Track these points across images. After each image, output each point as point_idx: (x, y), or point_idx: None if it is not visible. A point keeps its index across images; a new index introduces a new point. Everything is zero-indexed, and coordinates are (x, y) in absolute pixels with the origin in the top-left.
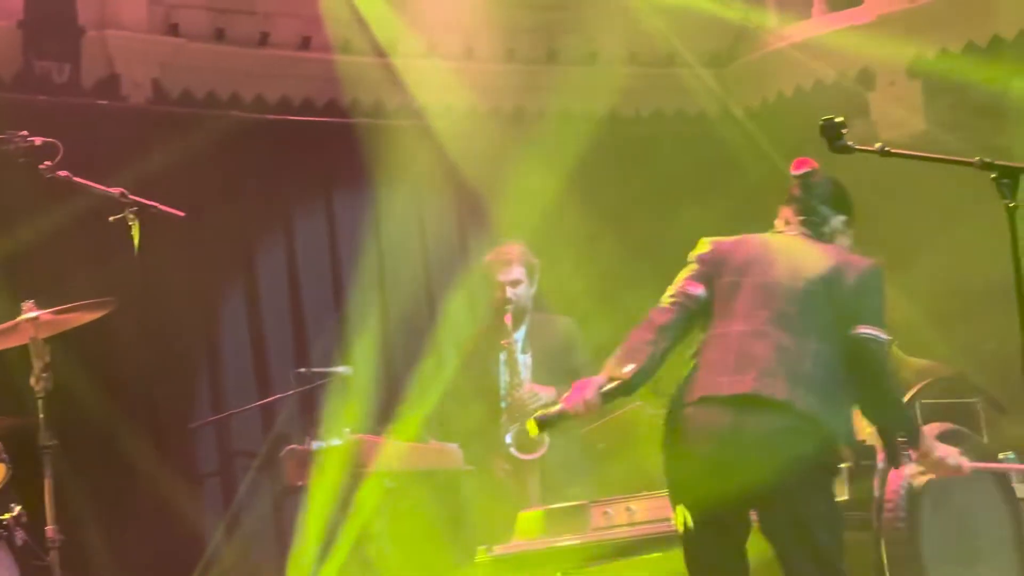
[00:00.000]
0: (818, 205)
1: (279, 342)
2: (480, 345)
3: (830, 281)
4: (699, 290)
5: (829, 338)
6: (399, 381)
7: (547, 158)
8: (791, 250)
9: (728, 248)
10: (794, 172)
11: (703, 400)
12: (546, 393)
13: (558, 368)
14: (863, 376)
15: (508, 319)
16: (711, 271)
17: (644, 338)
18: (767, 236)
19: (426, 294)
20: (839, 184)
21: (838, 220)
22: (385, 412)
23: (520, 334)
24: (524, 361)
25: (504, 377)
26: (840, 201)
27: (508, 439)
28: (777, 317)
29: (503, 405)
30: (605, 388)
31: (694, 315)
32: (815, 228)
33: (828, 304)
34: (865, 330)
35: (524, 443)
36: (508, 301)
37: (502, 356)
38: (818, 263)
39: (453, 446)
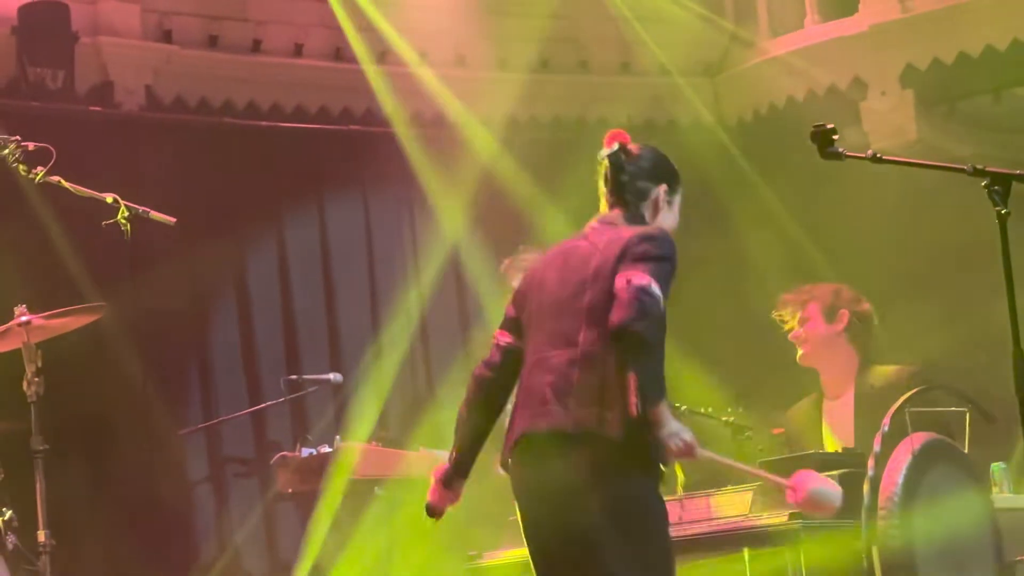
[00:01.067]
0: (632, 182)
1: (270, 349)
2: None
3: (597, 265)
4: (507, 339)
5: (598, 327)
6: (390, 389)
7: (538, 166)
8: (570, 252)
9: (529, 274)
10: (601, 152)
11: (511, 456)
12: None
13: None
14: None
15: None
16: (518, 311)
17: (461, 415)
18: (557, 245)
19: (417, 301)
20: (656, 152)
21: (658, 191)
22: (376, 419)
23: None
24: None
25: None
26: (658, 170)
27: None
28: (551, 337)
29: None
30: (448, 478)
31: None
32: (631, 209)
33: (603, 293)
34: (625, 278)
35: None
36: None
37: None
38: (595, 255)
39: (444, 453)
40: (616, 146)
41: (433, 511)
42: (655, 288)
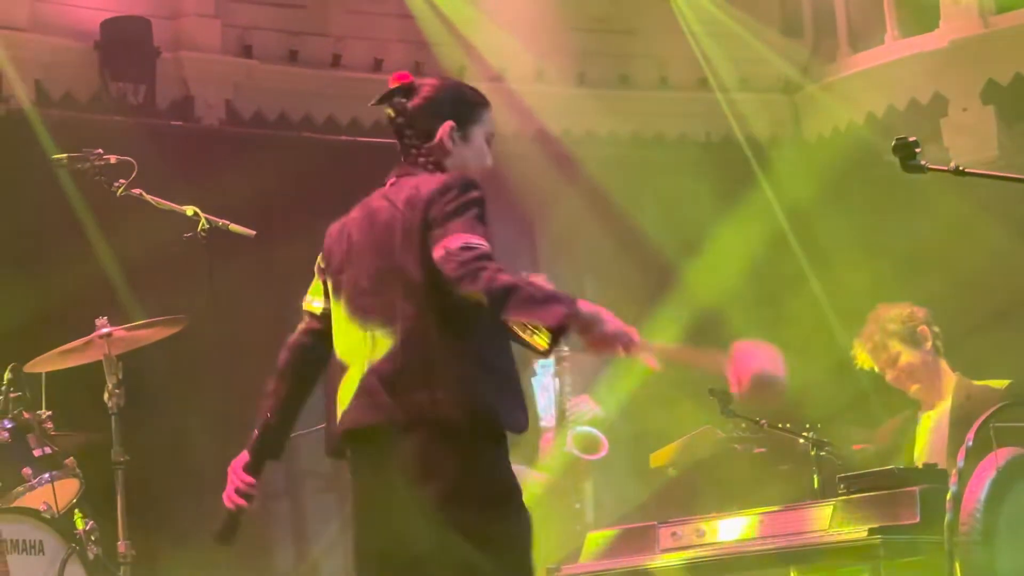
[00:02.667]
0: (414, 124)
1: None
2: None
3: (415, 231)
4: (323, 305)
5: (415, 297)
6: None
7: (616, 182)
8: (375, 215)
9: (335, 235)
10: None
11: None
12: (596, 408)
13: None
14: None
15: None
16: (325, 275)
17: (271, 388)
18: (361, 204)
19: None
20: (442, 84)
21: (445, 130)
22: None
23: (551, 360)
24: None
25: (544, 394)
26: (442, 105)
27: (568, 441)
28: (366, 313)
29: (543, 421)
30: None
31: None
32: (423, 155)
33: (415, 262)
34: (441, 248)
35: (585, 444)
36: None
37: (535, 379)
38: (396, 218)
39: (521, 467)
40: (396, 87)
41: (228, 522)
42: (473, 240)
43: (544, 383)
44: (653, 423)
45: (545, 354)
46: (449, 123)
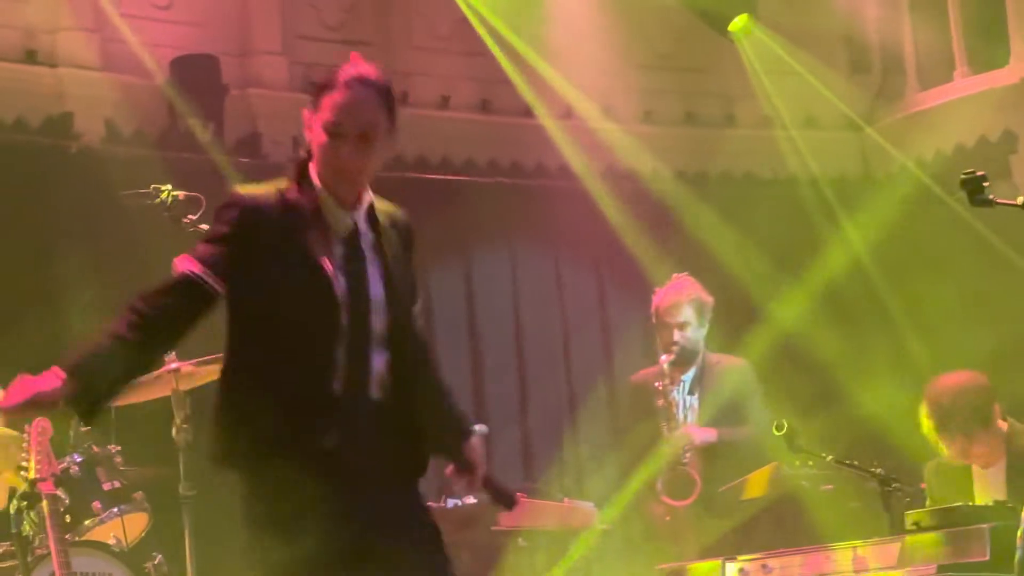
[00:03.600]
0: None
1: None
2: (644, 389)
3: None
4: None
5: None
6: (535, 439)
7: (684, 220)
8: None
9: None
10: None
11: None
12: (702, 435)
13: (728, 411)
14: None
15: (664, 360)
16: None
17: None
18: None
19: (563, 352)
20: None
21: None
22: (522, 470)
23: (689, 376)
24: (691, 403)
25: (682, 411)
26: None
27: (659, 486)
28: None
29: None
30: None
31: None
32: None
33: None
34: None
35: (674, 489)
36: (675, 343)
37: (676, 393)
38: None
39: (588, 505)
40: None
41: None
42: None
43: (682, 400)
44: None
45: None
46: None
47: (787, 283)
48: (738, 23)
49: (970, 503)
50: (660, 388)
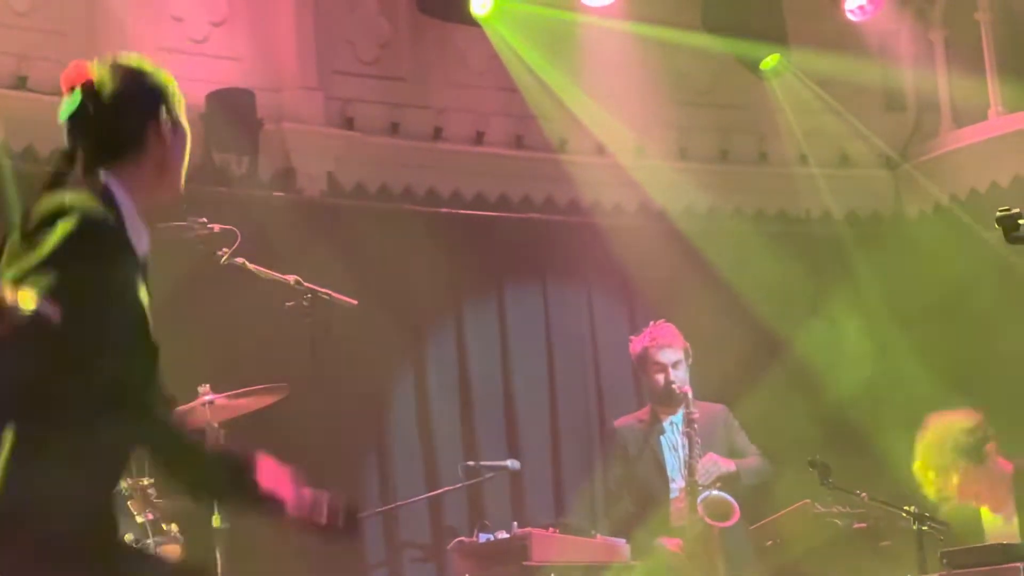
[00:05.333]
0: (109, 129)
1: (447, 434)
2: (642, 429)
3: None
4: None
5: None
6: (567, 475)
7: (717, 257)
8: None
9: None
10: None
11: None
12: (726, 465)
13: (719, 449)
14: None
15: (681, 390)
16: None
17: None
18: None
19: (595, 388)
20: (130, 70)
21: (150, 134)
22: (553, 506)
23: (677, 417)
24: (678, 444)
25: (673, 454)
26: (141, 97)
27: (699, 508)
28: None
29: (674, 482)
30: None
31: None
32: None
33: None
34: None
35: (716, 511)
36: (672, 382)
37: (664, 438)
38: None
39: (620, 541)
40: (82, 91)
41: None
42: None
43: (672, 441)
44: (752, 495)
45: None
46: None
47: (815, 321)
48: (770, 62)
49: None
50: (643, 429)
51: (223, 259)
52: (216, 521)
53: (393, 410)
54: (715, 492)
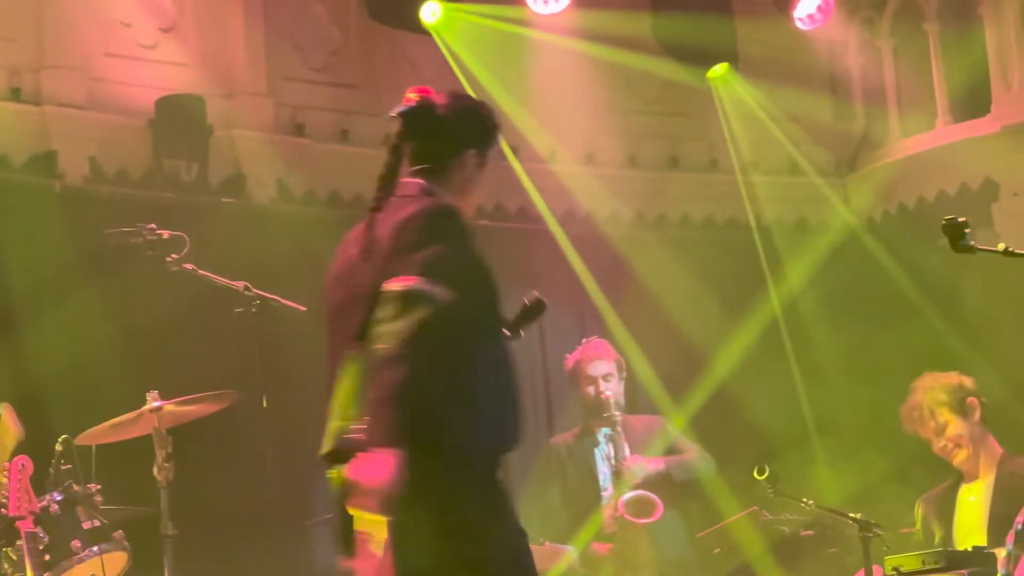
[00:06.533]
0: (437, 140)
1: None
2: (576, 444)
3: (376, 257)
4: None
5: None
6: (518, 482)
7: (665, 264)
8: (351, 245)
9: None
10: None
11: None
12: (652, 465)
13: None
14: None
15: (606, 397)
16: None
17: None
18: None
19: (545, 397)
20: (472, 102)
21: (469, 158)
22: None
23: (610, 430)
24: (611, 454)
25: (605, 464)
26: (472, 126)
27: (620, 506)
28: (339, 353)
29: (606, 491)
30: None
31: None
32: (429, 178)
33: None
34: (392, 285)
35: (638, 509)
36: (602, 393)
37: (598, 450)
38: (367, 247)
39: (568, 548)
40: (421, 102)
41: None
42: (421, 287)
43: (607, 453)
44: (700, 503)
45: None
46: (473, 149)
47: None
48: (717, 71)
49: (949, 539)
50: (605, 422)
51: (172, 265)
52: (164, 528)
53: None
54: (635, 492)
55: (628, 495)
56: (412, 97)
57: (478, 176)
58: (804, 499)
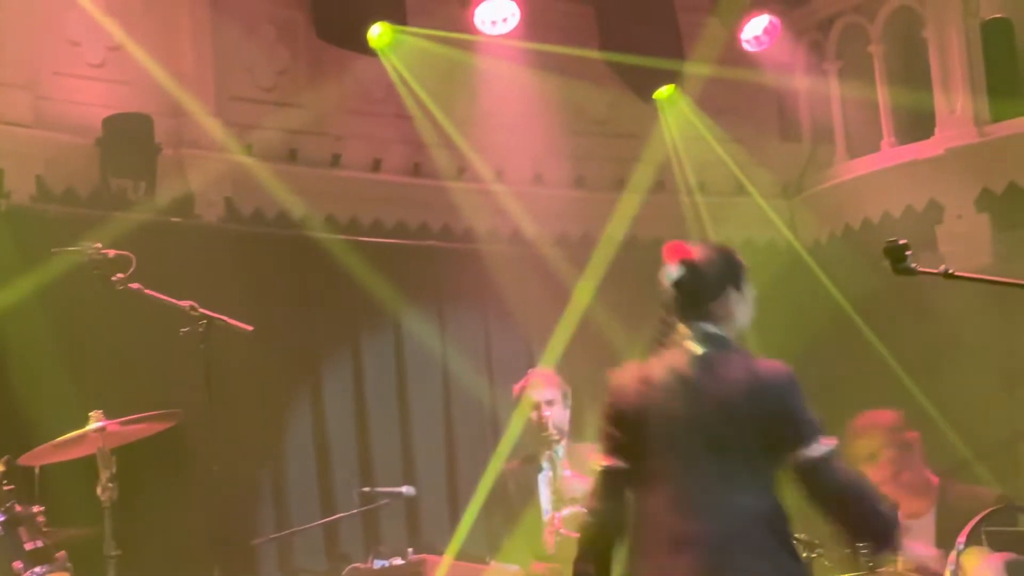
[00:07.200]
0: (705, 291)
1: (343, 460)
2: (523, 470)
3: (748, 404)
4: (615, 463)
5: (759, 474)
6: (463, 501)
7: (614, 284)
8: (689, 375)
9: (623, 393)
10: (668, 268)
11: None
12: (584, 483)
13: None
14: (826, 500)
15: (546, 420)
16: (616, 432)
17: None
18: (658, 360)
19: (490, 414)
20: (720, 251)
21: (731, 295)
22: (449, 532)
23: (557, 455)
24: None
25: (549, 489)
26: (727, 270)
27: (557, 522)
28: (693, 469)
29: (548, 514)
30: None
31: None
32: (713, 323)
33: (751, 431)
34: (810, 452)
35: (575, 524)
36: (544, 417)
37: (541, 475)
38: (726, 384)
39: (514, 567)
40: (682, 264)
41: None
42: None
43: (549, 477)
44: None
45: None
46: (732, 288)
47: None
48: (664, 93)
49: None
50: (524, 470)
51: (118, 284)
52: (107, 548)
53: (289, 436)
54: (573, 508)
55: (567, 511)
56: (673, 265)
57: (741, 307)
58: None
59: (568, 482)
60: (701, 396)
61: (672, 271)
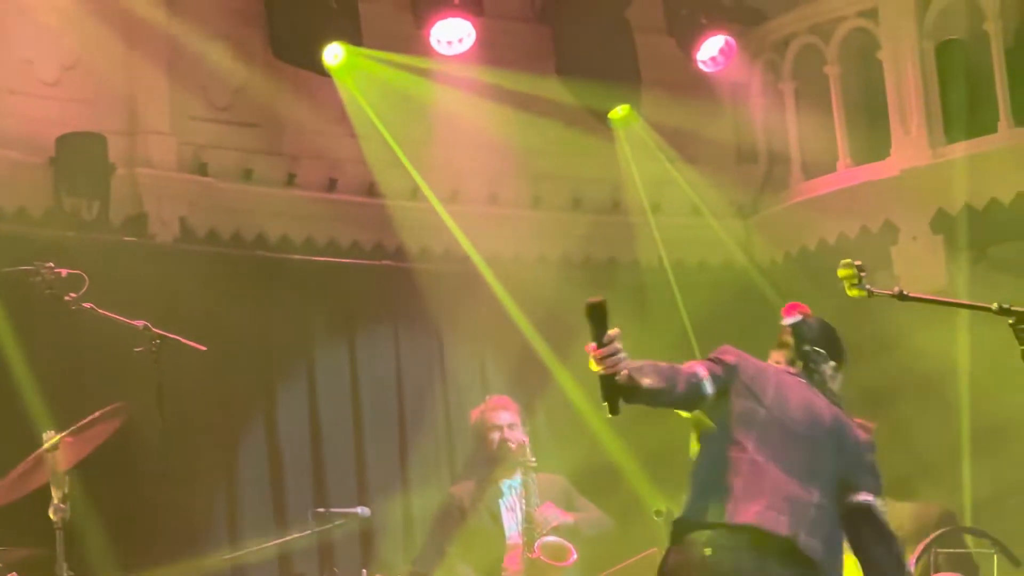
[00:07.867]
0: (810, 350)
1: (298, 480)
2: (479, 491)
3: (836, 438)
4: (710, 388)
5: (828, 493)
6: (419, 522)
7: (568, 306)
8: (802, 393)
9: (752, 368)
10: (785, 319)
11: (733, 530)
12: (562, 517)
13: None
14: (866, 539)
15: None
16: (728, 379)
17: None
18: (781, 370)
19: (446, 434)
20: (831, 328)
21: (829, 366)
22: (403, 553)
23: (515, 481)
24: (515, 506)
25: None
26: (831, 346)
27: (536, 550)
28: (791, 461)
29: (511, 540)
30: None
31: (695, 403)
32: (808, 375)
33: (831, 460)
34: (868, 498)
35: (552, 553)
36: (507, 439)
37: (502, 500)
38: (824, 415)
39: None
40: (797, 316)
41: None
42: None
43: (510, 503)
44: (601, 544)
45: None
46: (834, 363)
47: None
48: (619, 112)
49: None
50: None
51: (71, 304)
52: (59, 569)
53: (243, 456)
54: (552, 538)
55: (545, 539)
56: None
57: (835, 380)
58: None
59: (544, 511)
60: (816, 413)
61: (791, 317)
